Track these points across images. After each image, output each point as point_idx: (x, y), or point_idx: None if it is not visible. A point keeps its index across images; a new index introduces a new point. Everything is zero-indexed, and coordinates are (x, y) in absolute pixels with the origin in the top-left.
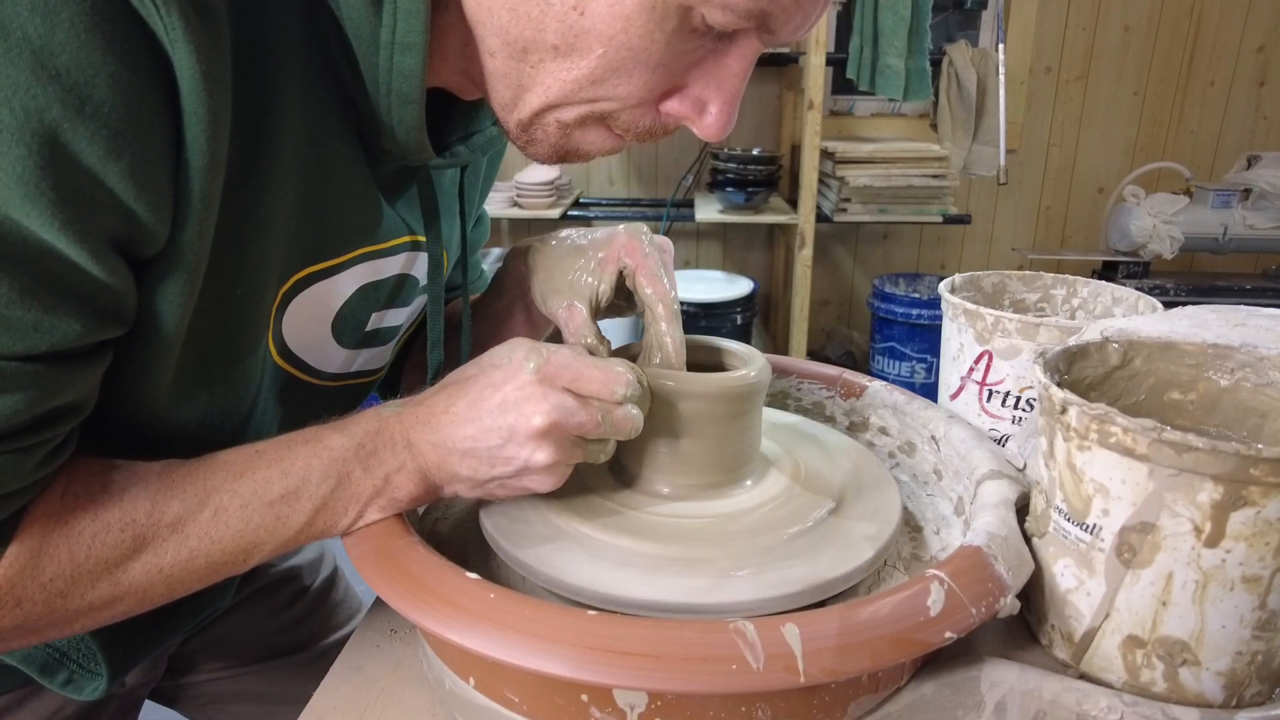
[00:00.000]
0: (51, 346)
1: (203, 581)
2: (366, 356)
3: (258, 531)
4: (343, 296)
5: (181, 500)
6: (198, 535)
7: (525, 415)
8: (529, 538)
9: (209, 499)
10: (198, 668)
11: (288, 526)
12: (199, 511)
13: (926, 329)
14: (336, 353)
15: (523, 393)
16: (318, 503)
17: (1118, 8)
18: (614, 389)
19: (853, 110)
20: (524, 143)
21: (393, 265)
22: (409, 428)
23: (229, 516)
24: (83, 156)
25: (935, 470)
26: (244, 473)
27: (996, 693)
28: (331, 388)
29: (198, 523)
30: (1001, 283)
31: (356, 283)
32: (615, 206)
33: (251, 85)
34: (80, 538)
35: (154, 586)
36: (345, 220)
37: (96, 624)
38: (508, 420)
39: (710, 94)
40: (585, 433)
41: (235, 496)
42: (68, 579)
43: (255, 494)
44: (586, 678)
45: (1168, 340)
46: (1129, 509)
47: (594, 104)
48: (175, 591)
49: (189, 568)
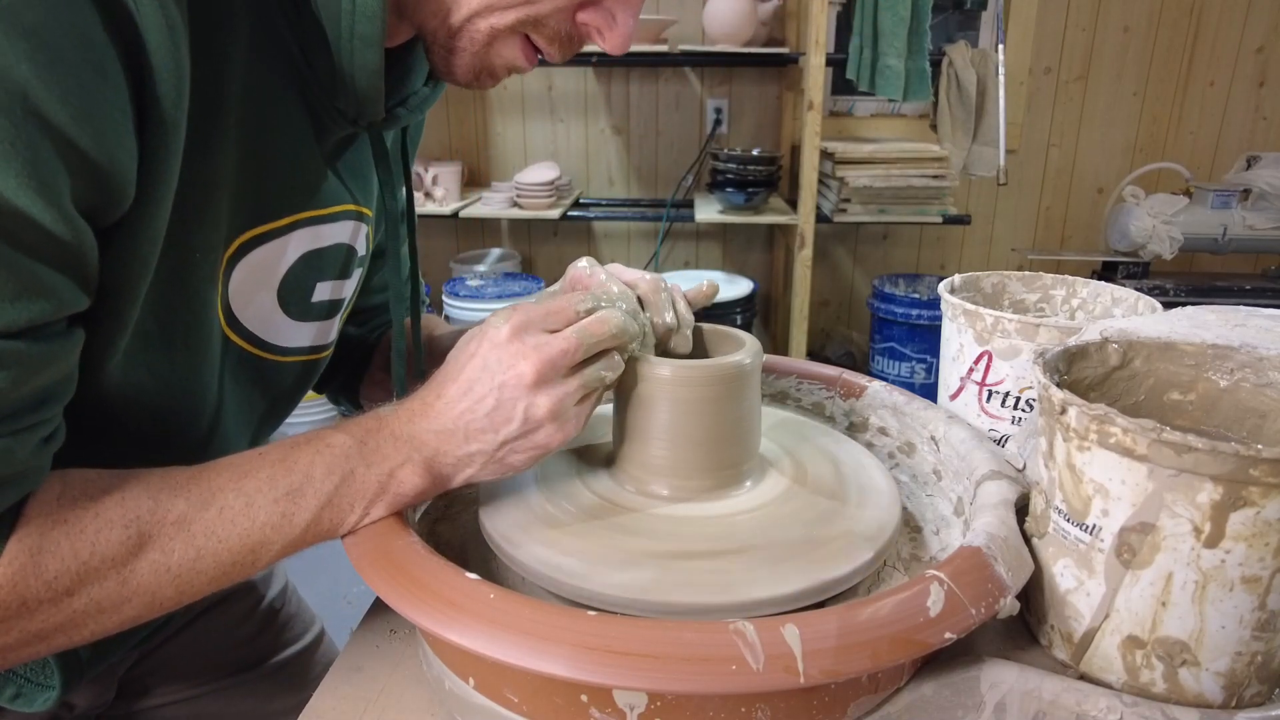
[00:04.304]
0: (30, 321)
1: (213, 584)
2: (314, 331)
3: (264, 530)
4: (286, 263)
5: (186, 499)
6: (204, 534)
7: (508, 368)
8: (529, 538)
9: (213, 498)
10: (151, 691)
11: (294, 524)
12: (204, 510)
13: (926, 329)
14: (285, 324)
15: (499, 350)
16: (322, 500)
17: (1117, 8)
18: (575, 304)
19: (852, 111)
20: (446, 53)
21: (334, 233)
22: (407, 421)
23: (235, 515)
24: (54, 116)
25: (935, 471)
26: (248, 472)
27: (996, 693)
28: (283, 363)
29: (203, 521)
30: (1001, 283)
31: (299, 249)
32: (615, 207)
33: (205, 47)
34: (82, 534)
35: (162, 588)
36: (287, 183)
37: (106, 630)
38: (494, 380)
39: (619, 7)
40: (569, 358)
41: (240, 495)
42: (73, 576)
43: (260, 492)
44: (586, 678)
45: (1167, 341)
46: (1128, 509)
47: (529, 6)
48: (185, 594)
49: (197, 568)
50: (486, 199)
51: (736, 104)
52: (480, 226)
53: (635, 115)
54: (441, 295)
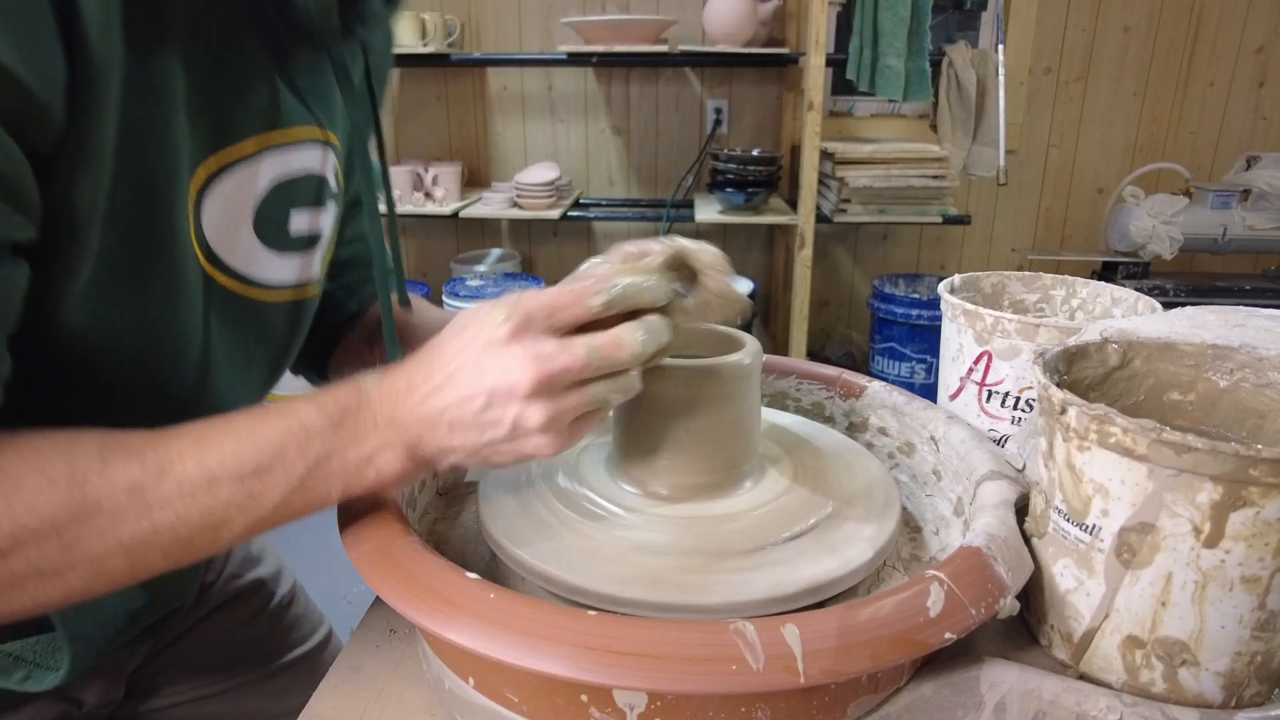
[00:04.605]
0: None
1: (169, 560)
2: (296, 265)
3: (227, 508)
4: (258, 193)
5: (140, 465)
6: (159, 505)
7: (503, 373)
8: (529, 537)
9: (170, 467)
10: (160, 690)
11: (261, 504)
12: (160, 480)
13: (926, 329)
14: (266, 256)
15: (495, 351)
16: (293, 482)
17: (1117, 8)
18: (588, 301)
19: (852, 111)
20: None
21: (302, 160)
22: (391, 403)
23: (194, 488)
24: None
25: (935, 471)
26: (210, 443)
27: (996, 693)
28: (271, 303)
29: (159, 491)
30: (1001, 283)
31: (269, 177)
32: (615, 207)
33: None
34: (20, 491)
35: (111, 558)
36: (246, 105)
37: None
38: (486, 383)
39: None
40: (572, 377)
41: (200, 467)
42: (6, 536)
43: (223, 466)
44: (586, 678)
45: (1167, 341)
46: (1128, 509)
47: None
48: (138, 568)
49: (151, 541)
50: (486, 199)
51: (736, 104)
52: (480, 227)
53: (635, 115)
54: (441, 295)
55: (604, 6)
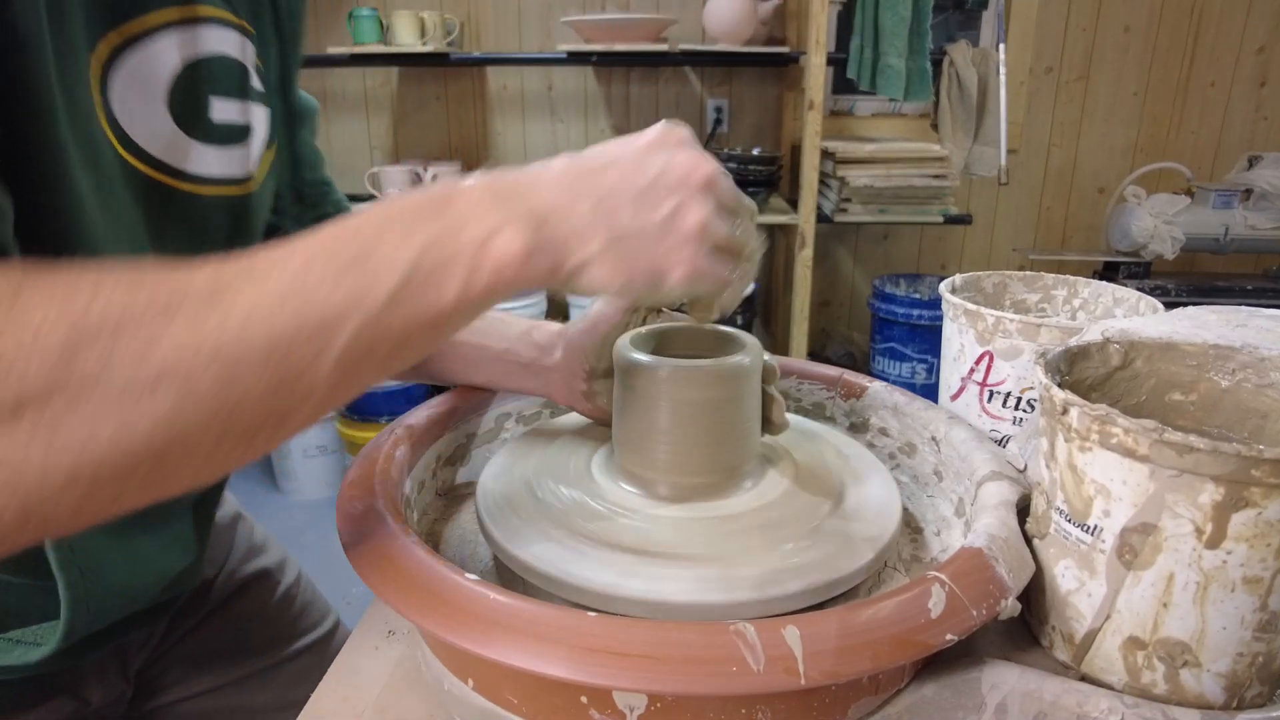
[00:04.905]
0: None
1: (268, 369)
2: (227, 157)
3: (329, 303)
4: (167, 71)
5: (215, 271)
6: (247, 307)
7: (682, 158)
8: (529, 538)
9: (251, 273)
10: (169, 687)
11: (372, 297)
12: (246, 281)
13: (927, 329)
14: (190, 146)
15: (666, 148)
16: (403, 272)
17: (1118, 8)
18: (743, 199)
19: (853, 110)
20: None
21: (214, 40)
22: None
23: (284, 288)
24: None
25: (936, 471)
26: (294, 251)
27: (997, 694)
28: (204, 196)
29: (245, 295)
30: (1002, 283)
31: (177, 53)
32: None
33: None
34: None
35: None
36: None
37: (133, 429)
38: (656, 164)
39: None
40: (732, 199)
41: (285, 270)
42: (68, 329)
43: (316, 260)
44: (586, 679)
45: (1169, 341)
46: (1130, 510)
47: None
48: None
49: (244, 337)
50: None
51: (736, 104)
52: None
53: (635, 115)
54: None
55: (604, 5)
